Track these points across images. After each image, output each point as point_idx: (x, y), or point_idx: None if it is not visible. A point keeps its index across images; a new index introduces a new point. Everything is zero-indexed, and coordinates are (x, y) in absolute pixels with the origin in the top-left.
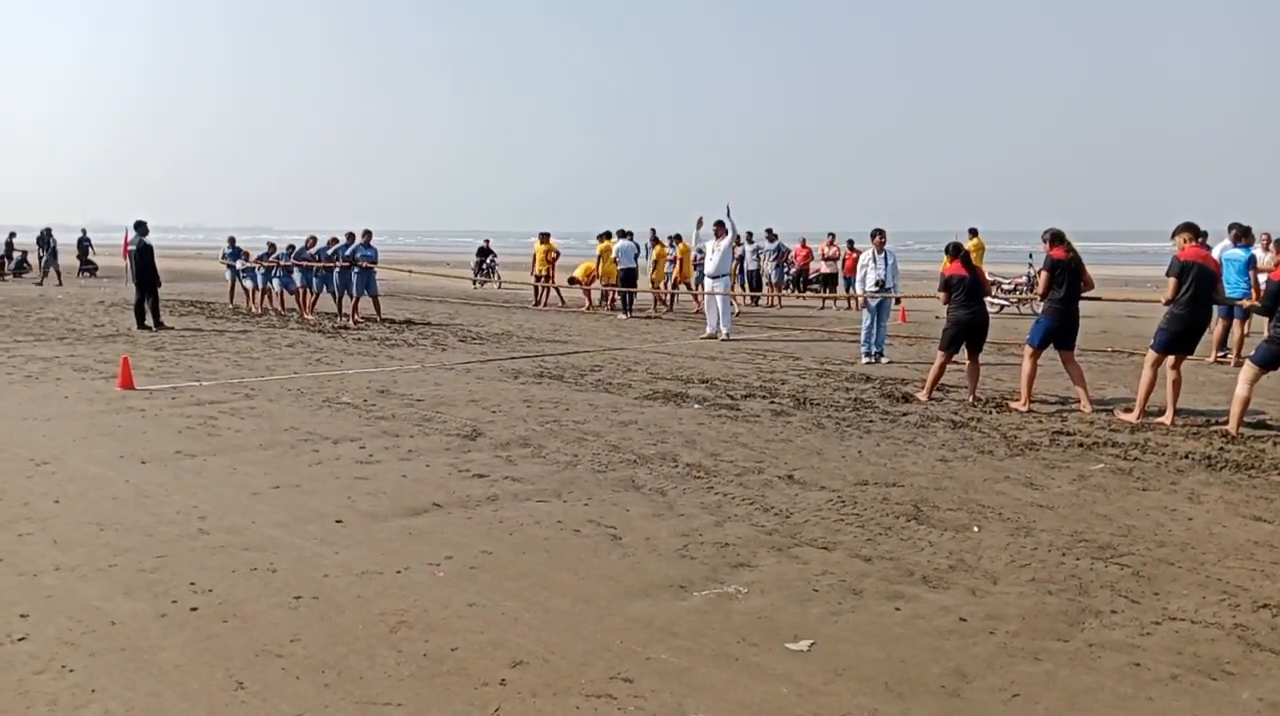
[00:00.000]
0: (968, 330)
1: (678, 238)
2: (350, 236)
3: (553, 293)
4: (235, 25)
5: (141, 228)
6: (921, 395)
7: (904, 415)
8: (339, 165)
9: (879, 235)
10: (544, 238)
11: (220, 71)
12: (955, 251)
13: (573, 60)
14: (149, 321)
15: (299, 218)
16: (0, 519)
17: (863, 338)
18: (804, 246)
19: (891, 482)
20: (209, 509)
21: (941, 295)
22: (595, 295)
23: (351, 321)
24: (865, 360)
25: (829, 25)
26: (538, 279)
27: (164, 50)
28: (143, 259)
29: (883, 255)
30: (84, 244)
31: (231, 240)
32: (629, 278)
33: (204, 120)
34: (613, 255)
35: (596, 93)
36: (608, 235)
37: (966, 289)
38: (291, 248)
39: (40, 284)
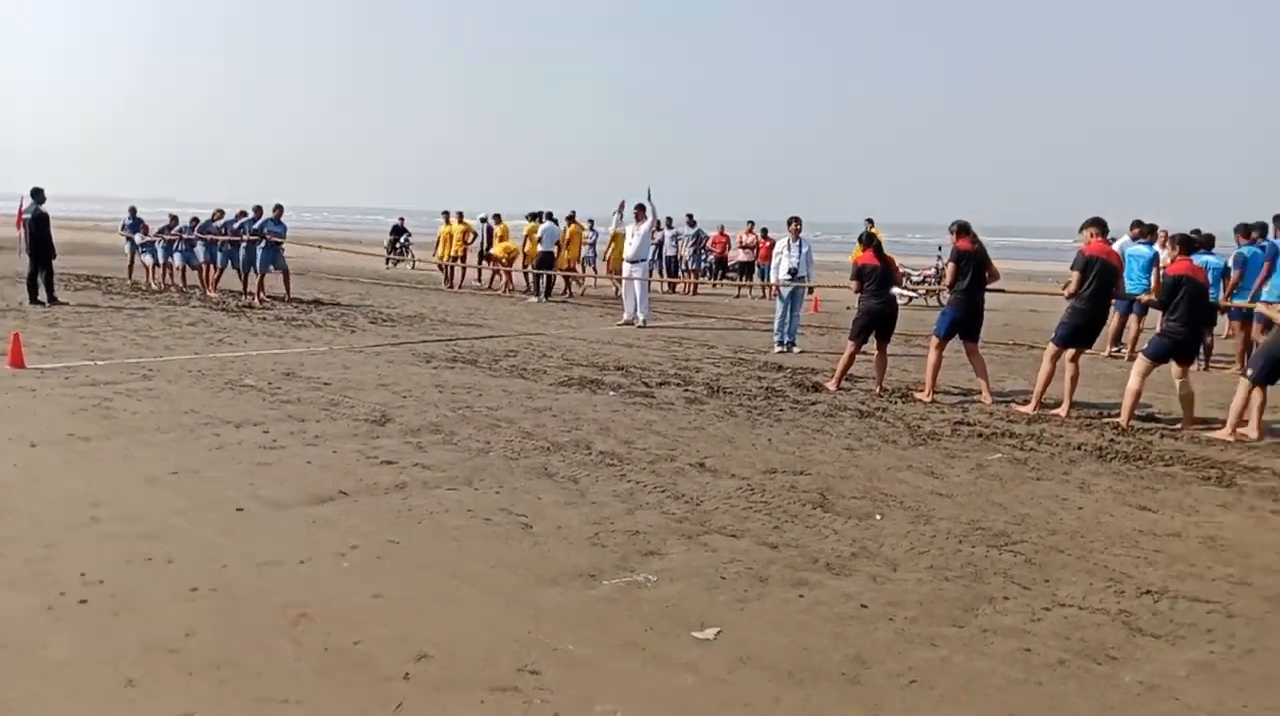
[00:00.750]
0: (877, 320)
1: (569, 217)
2: (258, 210)
3: (469, 274)
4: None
5: (38, 195)
6: (830, 384)
7: (813, 404)
8: (339, 140)
9: (795, 223)
10: (459, 217)
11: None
12: (868, 241)
13: (572, 46)
14: (42, 296)
15: (157, 186)
16: None
17: (775, 326)
18: (722, 234)
19: (799, 471)
20: (103, 495)
21: (853, 284)
22: (517, 278)
23: (257, 300)
24: (778, 349)
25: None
26: (451, 259)
27: (159, 29)
28: (38, 229)
29: (797, 243)
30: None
31: (132, 211)
32: (546, 260)
33: (197, 103)
34: (537, 236)
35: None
36: (537, 216)
37: (878, 279)
38: (195, 220)
39: None
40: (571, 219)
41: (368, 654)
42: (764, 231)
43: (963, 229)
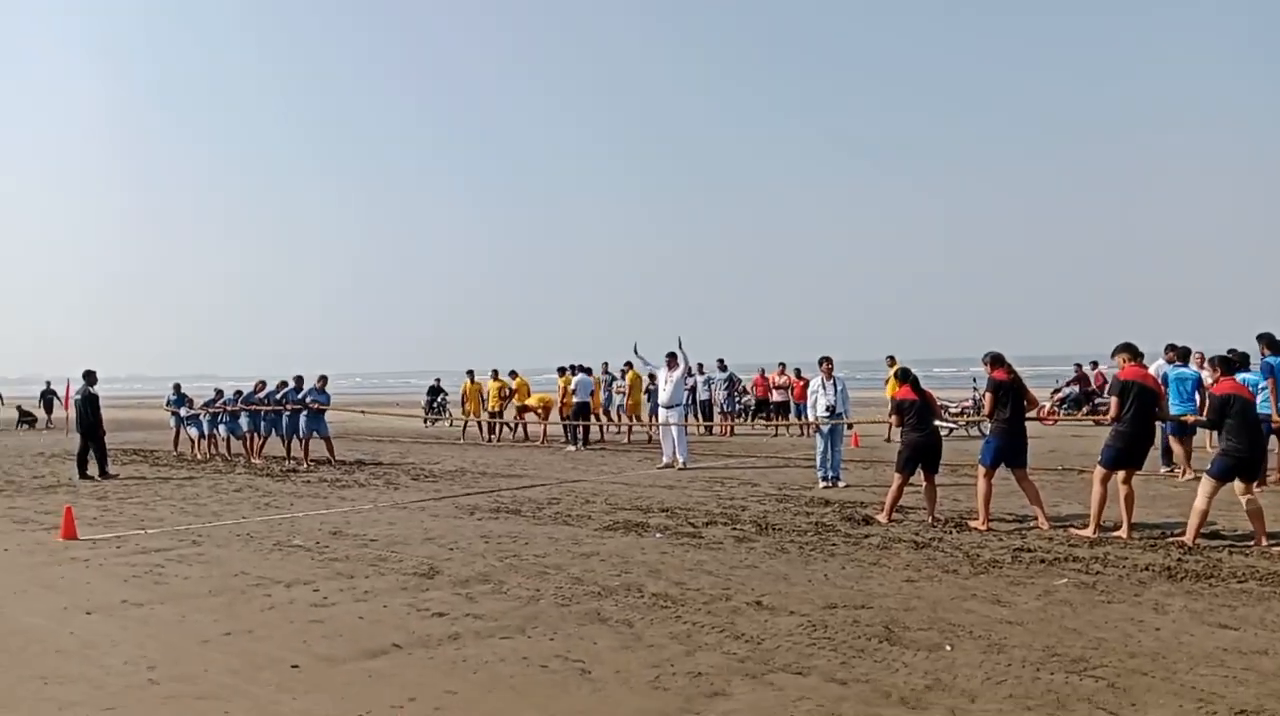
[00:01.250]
0: (922, 452)
1: (625, 366)
2: (298, 380)
3: (505, 429)
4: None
5: (90, 377)
6: (881, 517)
7: (866, 537)
8: (239, 310)
9: (826, 362)
10: (494, 375)
11: (115, 216)
12: (904, 376)
13: (444, 201)
14: (92, 471)
15: (201, 364)
16: None
17: (818, 462)
18: (762, 376)
19: (860, 605)
20: (158, 658)
21: (894, 418)
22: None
23: (305, 464)
24: (823, 484)
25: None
26: (491, 415)
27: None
28: (88, 409)
29: (831, 381)
30: (49, 397)
31: (176, 387)
32: (582, 411)
33: (103, 274)
34: (570, 387)
35: (469, 234)
36: (566, 370)
37: (918, 412)
38: (238, 393)
39: None
40: (629, 367)
41: None
42: (797, 371)
43: (996, 360)
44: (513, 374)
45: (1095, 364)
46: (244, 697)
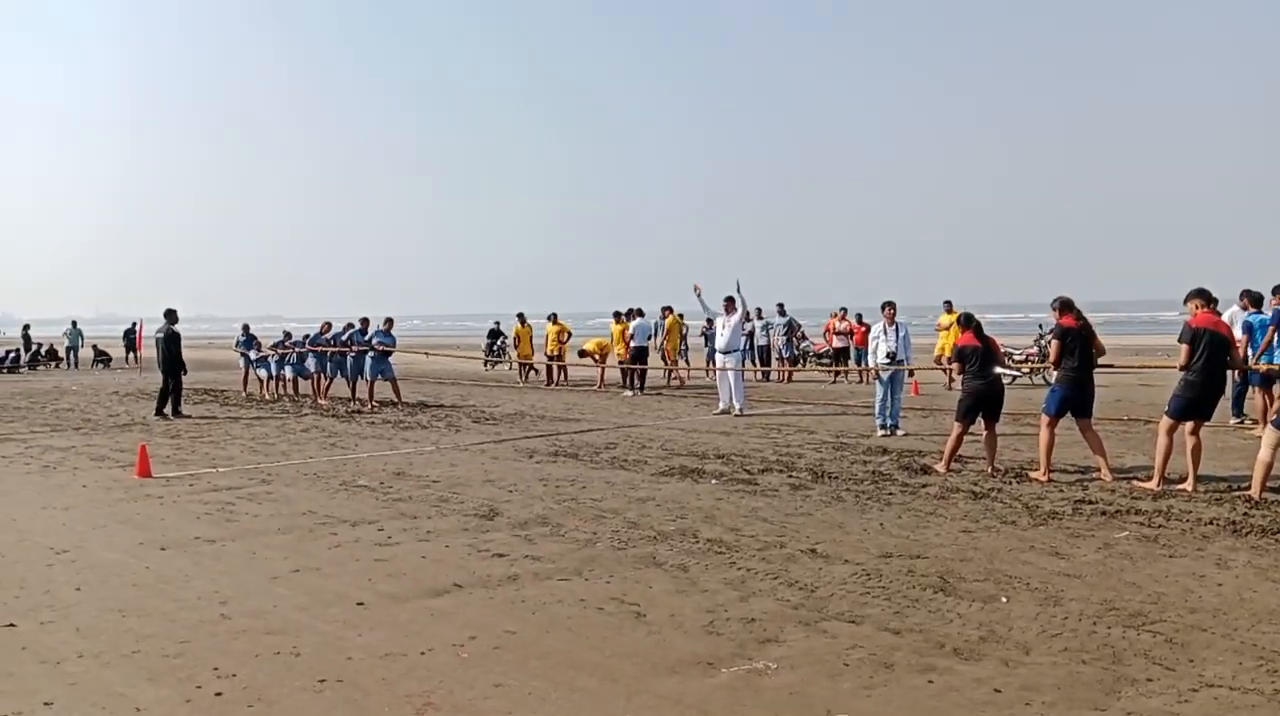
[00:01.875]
0: (983, 400)
1: (666, 309)
2: (364, 322)
3: (566, 372)
4: (207, 120)
5: (171, 316)
6: (940, 466)
7: (923, 487)
8: (304, 251)
9: (889, 307)
10: (553, 318)
11: (191, 163)
12: (968, 322)
13: (531, 143)
14: (168, 409)
15: (267, 304)
16: (22, 607)
17: (877, 410)
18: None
19: (915, 555)
20: (230, 593)
21: (955, 366)
22: (607, 373)
23: (368, 406)
24: (881, 433)
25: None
26: (550, 358)
27: (138, 142)
28: (170, 347)
29: (894, 327)
30: (133, 336)
31: (245, 328)
32: (640, 355)
33: (176, 213)
34: (629, 332)
35: (549, 176)
36: (624, 314)
37: (980, 359)
38: (306, 335)
39: None
40: (669, 311)
41: None
42: (859, 317)
43: (1065, 305)
44: (552, 317)
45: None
46: (311, 633)
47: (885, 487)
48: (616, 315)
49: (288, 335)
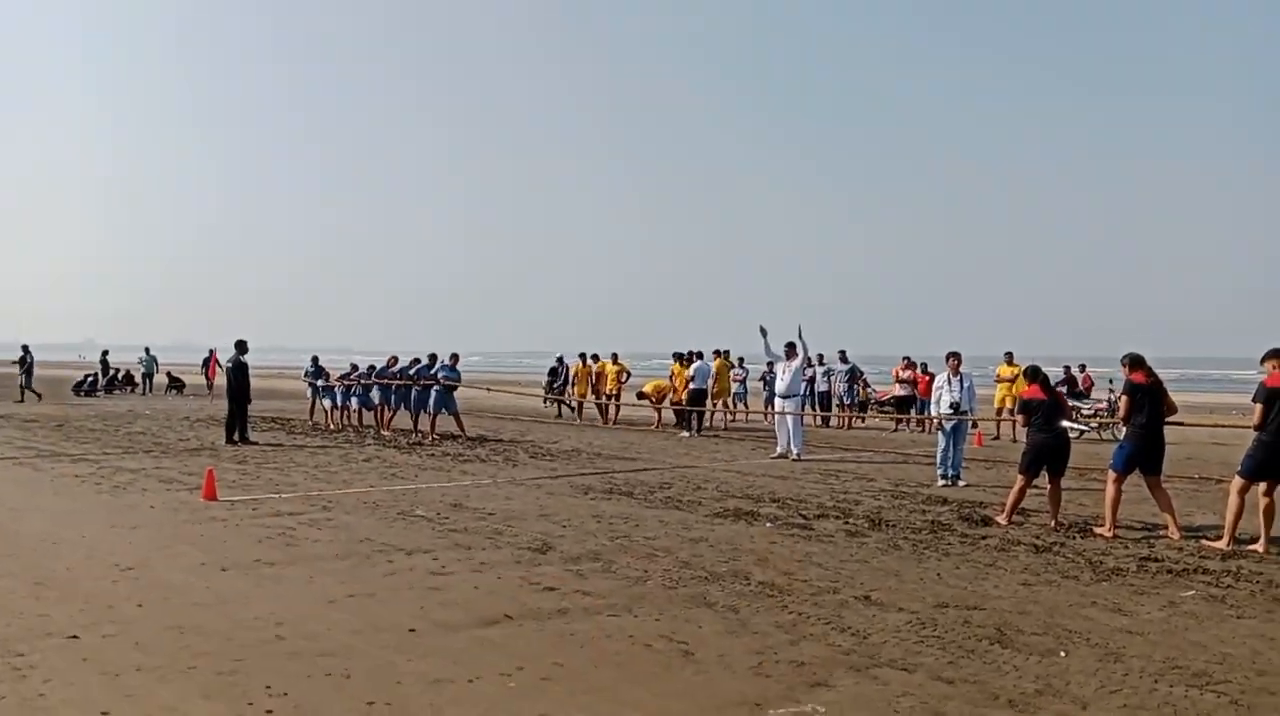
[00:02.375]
0: (1048, 454)
1: (716, 352)
2: (432, 357)
3: (621, 411)
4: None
5: (241, 347)
6: (1001, 518)
7: (983, 538)
8: (327, 282)
9: (954, 358)
10: (614, 358)
11: (208, 185)
12: (1034, 375)
13: (587, 178)
14: (235, 436)
15: (335, 335)
16: (85, 621)
17: (939, 460)
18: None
19: (972, 606)
20: (286, 615)
21: (1020, 418)
22: (663, 414)
23: (430, 438)
24: (941, 483)
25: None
26: (608, 398)
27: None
28: (238, 377)
29: (958, 378)
30: (207, 363)
31: (314, 359)
32: (698, 397)
33: (262, 248)
34: (689, 374)
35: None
36: (684, 357)
37: (1045, 412)
38: (372, 367)
39: (20, 401)
40: (719, 354)
41: None
42: (923, 366)
43: (1135, 362)
44: (614, 357)
45: (1084, 367)
46: (364, 657)
47: (944, 537)
48: (678, 357)
49: (354, 367)
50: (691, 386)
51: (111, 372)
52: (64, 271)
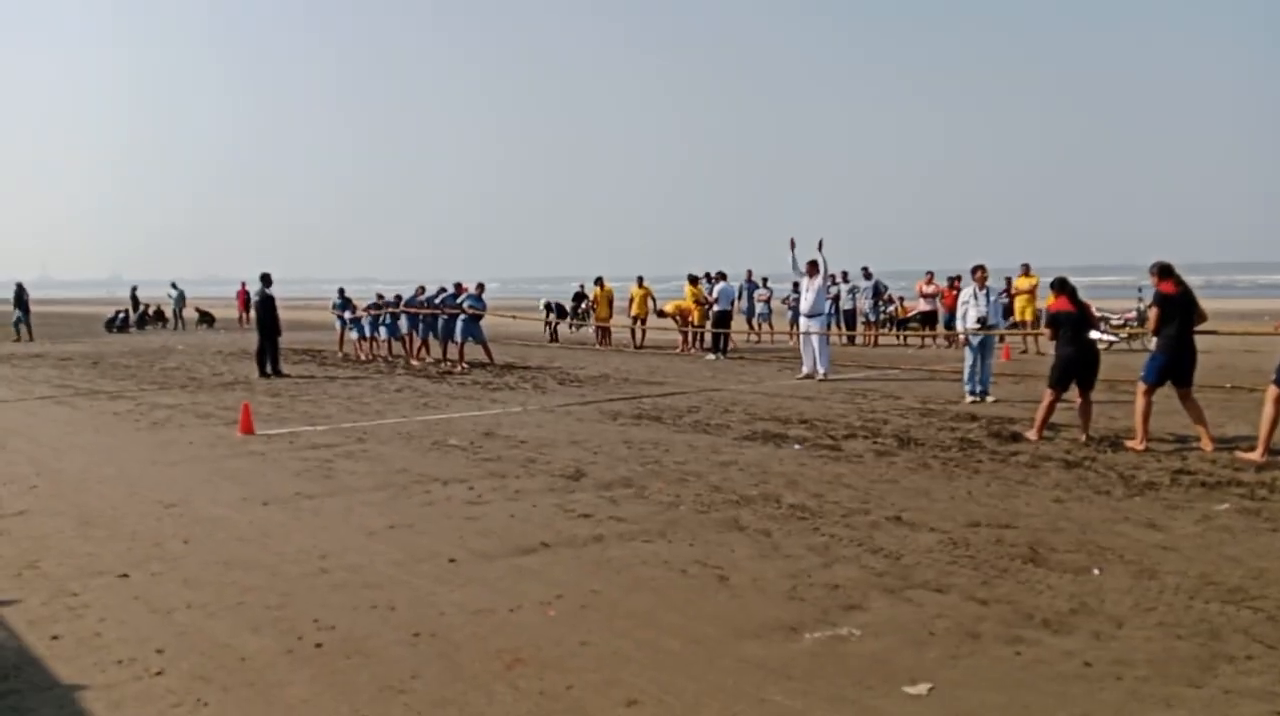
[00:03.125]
0: (1077, 367)
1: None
2: (457, 286)
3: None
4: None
5: (266, 280)
6: (1031, 434)
7: (1014, 455)
8: (390, 214)
9: (980, 271)
10: (639, 281)
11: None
12: (1062, 287)
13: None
14: (268, 369)
15: (361, 266)
16: (134, 558)
17: (966, 376)
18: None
19: (1004, 524)
20: (328, 548)
21: (1048, 332)
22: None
23: (458, 367)
24: (970, 399)
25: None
26: (634, 320)
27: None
28: (265, 310)
29: (984, 291)
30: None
31: (341, 291)
32: (724, 318)
33: (288, 179)
34: (713, 296)
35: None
36: (695, 279)
37: (1074, 324)
38: (399, 297)
39: (17, 339)
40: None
41: (580, 698)
42: (949, 280)
43: (1164, 271)
44: (639, 281)
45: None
46: (406, 587)
47: (973, 455)
48: (692, 279)
49: (380, 297)
50: (715, 308)
51: (142, 308)
52: (85, 208)
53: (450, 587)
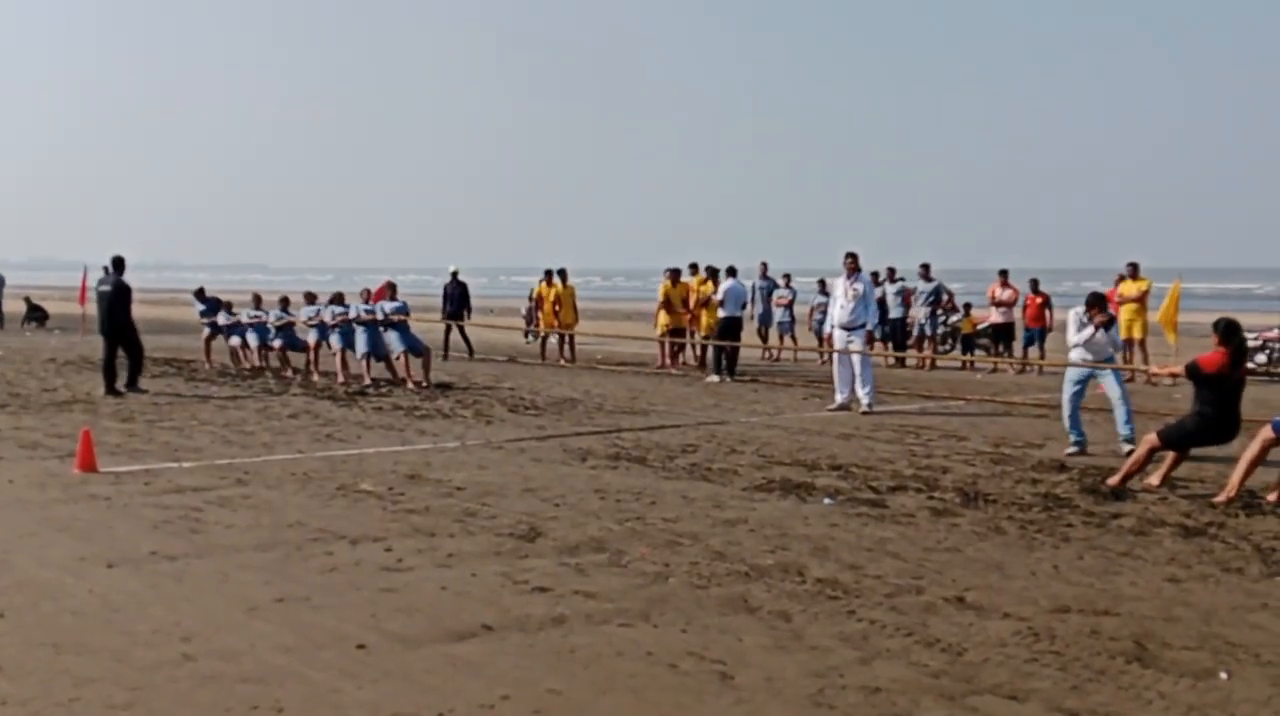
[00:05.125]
0: (1213, 435)
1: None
2: (366, 292)
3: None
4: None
5: (118, 264)
6: (1113, 481)
7: (1115, 517)
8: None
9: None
10: (563, 275)
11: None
12: (1229, 334)
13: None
14: (120, 384)
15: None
16: None
17: (1067, 420)
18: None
19: (1102, 610)
20: (194, 627)
21: (1185, 378)
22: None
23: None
24: (1073, 450)
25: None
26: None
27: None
28: (118, 303)
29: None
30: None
31: (200, 293)
32: (731, 328)
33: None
34: (717, 297)
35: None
36: (677, 272)
37: (1230, 390)
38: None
39: None
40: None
41: None
42: (1033, 283)
43: None
44: (550, 277)
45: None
46: (298, 682)
47: (1062, 517)
48: (672, 273)
49: (285, 301)
50: (721, 313)
51: None
52: None
53: (358, 683)
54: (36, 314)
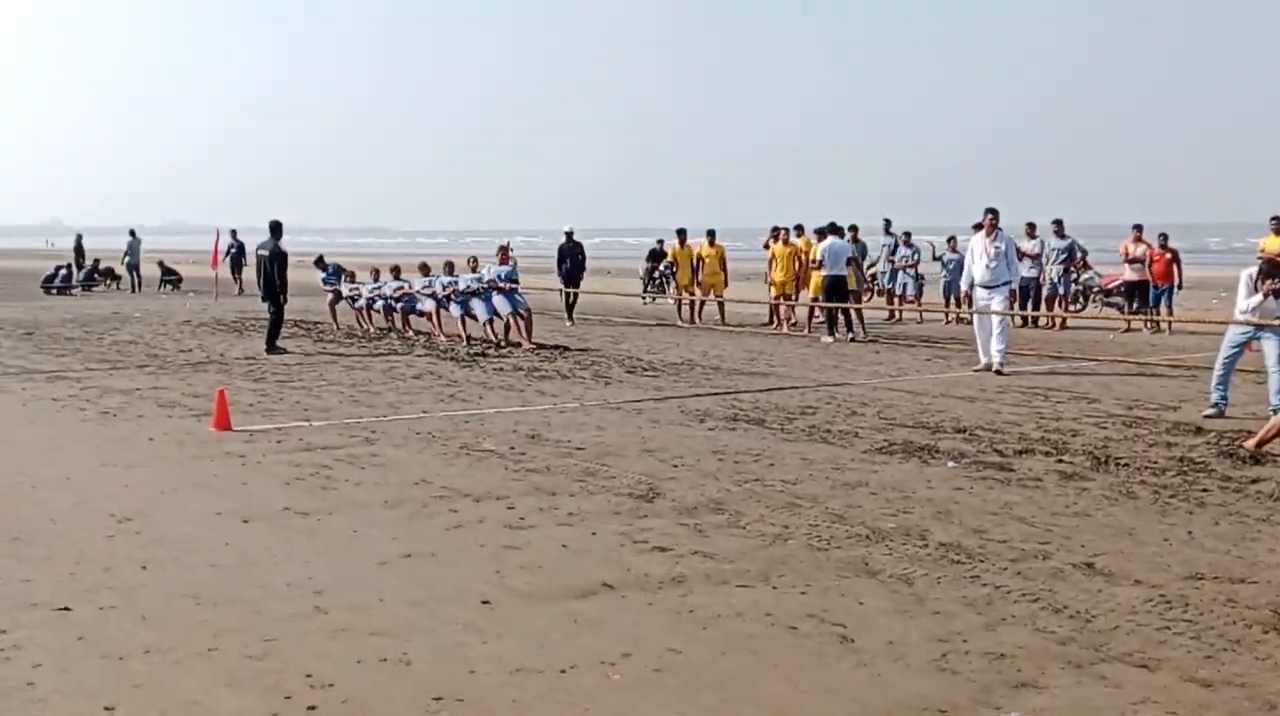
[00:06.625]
0: None
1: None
2: (449, 266)
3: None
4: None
5: (276, 229)
6: (1249, 443)
7: (1253, 482)
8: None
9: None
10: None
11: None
12: None
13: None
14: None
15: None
16: (79, 587)
17: (1216, 377)
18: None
19: (1240, 577)
20: (326, 581)
21: None
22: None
23: (497, 346)
24: (1210, 411)
25: None
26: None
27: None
28: (276, 268)
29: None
30: (236, 253)
31: (320, 260)
32: (838, 287)
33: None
34: (817, 256)
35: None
36: (778, 232)
37: None
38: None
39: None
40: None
41: None
42: (1163, 238)
43: None
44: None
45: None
46: (425, 635)
47: (1198, 482)
48: (776, 233)
49: (396, 270)
50: (825, 273)
51: (90, 264)
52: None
53: (483, 638)
54: (171, 277)
